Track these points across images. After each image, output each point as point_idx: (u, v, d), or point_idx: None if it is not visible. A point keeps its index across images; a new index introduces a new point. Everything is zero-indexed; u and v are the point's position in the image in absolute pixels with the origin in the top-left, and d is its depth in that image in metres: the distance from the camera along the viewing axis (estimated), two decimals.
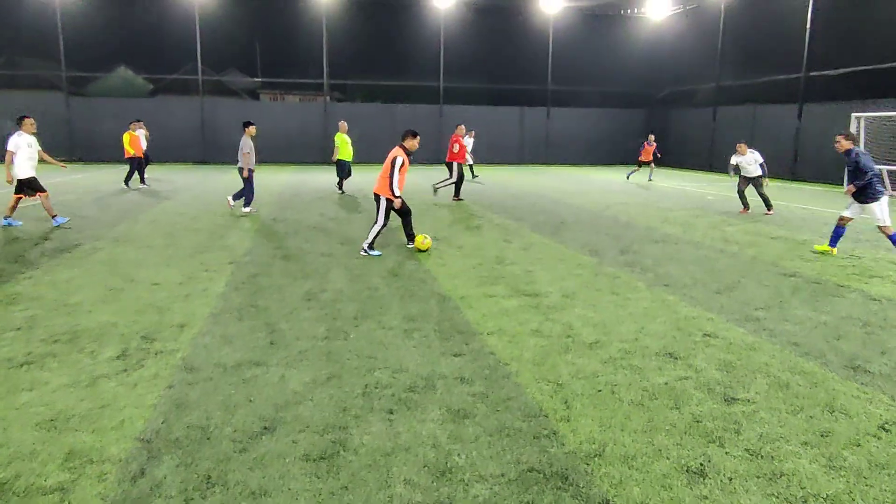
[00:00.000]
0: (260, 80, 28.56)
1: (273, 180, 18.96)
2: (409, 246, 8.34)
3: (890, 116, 17.98)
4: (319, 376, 4.38)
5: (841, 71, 20.86)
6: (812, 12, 21.66)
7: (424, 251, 8.22)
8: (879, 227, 7.83)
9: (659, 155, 20.08)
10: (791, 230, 10.73)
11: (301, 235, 9.46)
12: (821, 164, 20.80)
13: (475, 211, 12.59)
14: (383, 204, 7.87)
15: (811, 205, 14.64)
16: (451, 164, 13.99)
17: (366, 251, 8.02)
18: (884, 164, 17.90)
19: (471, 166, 20.35)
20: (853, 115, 18.60)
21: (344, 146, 14.43)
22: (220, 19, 26.04)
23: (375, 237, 8.04)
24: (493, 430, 3.73)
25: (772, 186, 19.31)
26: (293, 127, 26.76)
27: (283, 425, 3.71)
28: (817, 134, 21.38)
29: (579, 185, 18.98)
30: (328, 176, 20.63)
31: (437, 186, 13.98)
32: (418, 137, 7.98)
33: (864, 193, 7.80)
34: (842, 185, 19.44)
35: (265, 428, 3.68)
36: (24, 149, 9.36)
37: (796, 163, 22.31)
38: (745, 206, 12.78)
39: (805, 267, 7.75)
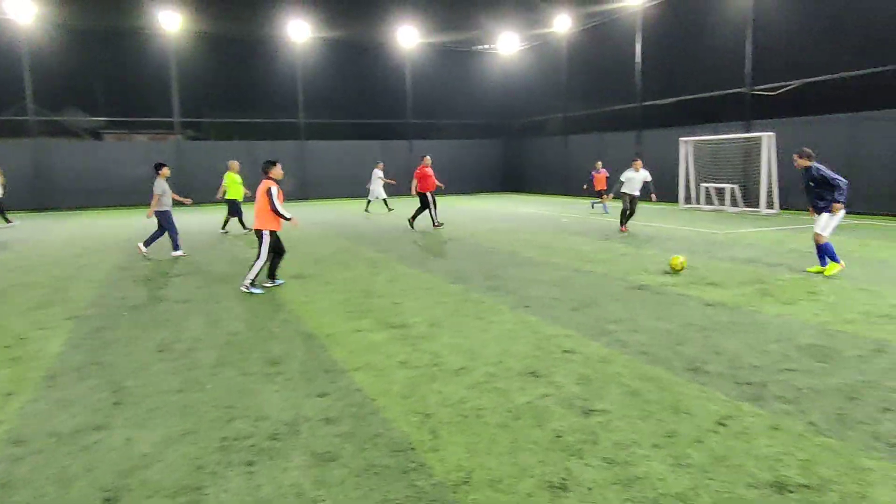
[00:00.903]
0: (103, 119, 26.36)
1: (122, 225, 17.60)
2: (272, 284, 8.35)
3: (709, 140, 20.48)
4: (172, 434, 4.09)
5: (670, 100, 23.37)
6: (641, 50, 24.23)
7: (679, 271, 8.64)
8: (816, 234, 8.05)
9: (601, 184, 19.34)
10: (638, 246, 11.67)
11: (155, 282, 8.86)
12: (657, 184, 23.11)
13: (343, 245, 12.60)
14: (266, 239, 7.99)
15: (653, 221, 16.10)
16: (424, 194, 14.79)
17: (247, 288, 8.05)
18: (706, 181, 20.30)
19: (385, 200, 20.60)
20: (680, 139, 20.96)
21: (234, 185, 14.50)
22: (55, 55, 23.81)
23: (257, 274, 8.09)
24: (361, 470, 3.63)
25: (609, 205, 21.05)
26: (143, 168, 24.93)
27: (128, 493, 3.48)
28: (655, 157, 23.70)
29: (444, 215, 19.40)
30: (187, 217, 19.52)
31: (412, 219, 14.80)
32: (279, 164, 8.11)
33: (826, 202, 7.97)
34: (671, 202, 21.61)
35: (107, 500, 3.40)
36: None
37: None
38: (625, 223, 13.53)
39: (651, 280, 8.43)
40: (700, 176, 20.95)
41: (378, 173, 20.70)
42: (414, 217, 15.22)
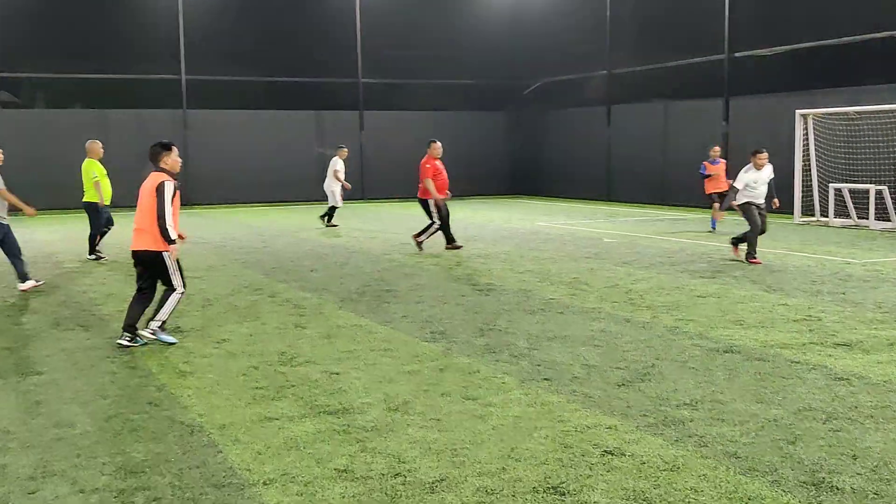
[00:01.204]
0: None
1: None
2: (135, 341, 8.53)
3: (843, 115, 20.78)
4: None
5: (777, 49, 23.77)
6: None
7: None
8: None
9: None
10: (725, 283, 11.83)
11: None
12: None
13: (250, 280, 12.75)
14: (169, 262, 8.42)
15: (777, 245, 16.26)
16: (426, 201, 15.77)
17: (154, 333, 8.52)
18: (837, 181, 20.60)
19: (330, 211, 21.44)
20: (797, 112, 21.29)
21: (95, 182, 14.73)
22: None
23: (173, 310, 8.58)
24: None
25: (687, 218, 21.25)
26: None
27: None
28: (749, 139, 24.01)
29: (413, 231, 19.59)
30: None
31: (420, 239, 15.82)
32: (175, 149, 8.48)
33: None
34: (782, 213, 21.93)
35: None
36: None
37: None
38: (755, 250, 13.59)
39: (744, 336, 8.46)
40: (827, 172, 21.26)
41: (337, 165, 21.28)
42: (435, 234, 16.06)
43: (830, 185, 20.56)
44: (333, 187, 21.07)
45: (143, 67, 28.51)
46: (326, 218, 21.25)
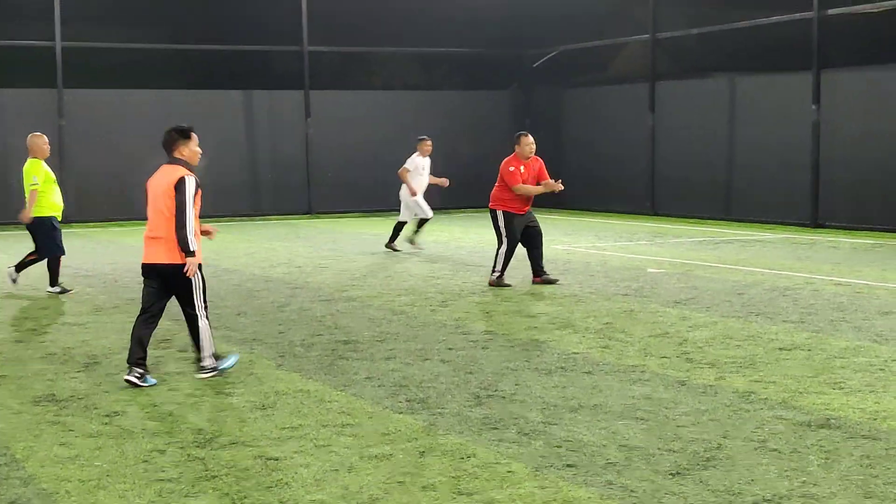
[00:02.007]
0: None
1: None
2: (145, 380, 9.60)
3: None
4: None
5: (884, 5, 24.06)
6: None
7: None
8: None
9: None
10: (817, 329, 11.86)
11: None
12: (852, 189, 23.43)
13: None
14: (197, 277, 9.50)
15: (868, 276, 16.26)
16: (496, 214, 16.42)
17: (212, 369, 9.75)
18: None
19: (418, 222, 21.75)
20: None
21: (48, 187, 15.59)
22: None
23: (211, 337, 9.79)
24: None
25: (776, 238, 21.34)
26: None
27: None
28: (844, 125, 24.16)
29: (383, 260, 19.46)
30: None
31: (497, 279, 16.22)
32: (195, 137, 9.51)
33: None
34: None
35: None
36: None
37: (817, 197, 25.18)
38: None
39: (846, 406, 8.48)
40: None
41: (419, 163, 21.69)
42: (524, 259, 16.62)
43: None
44: (407, 193, 21.27)
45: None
46: (414, 233, 21.38)
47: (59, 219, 15.78)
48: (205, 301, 9.63)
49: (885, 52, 24.64)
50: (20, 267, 16.00)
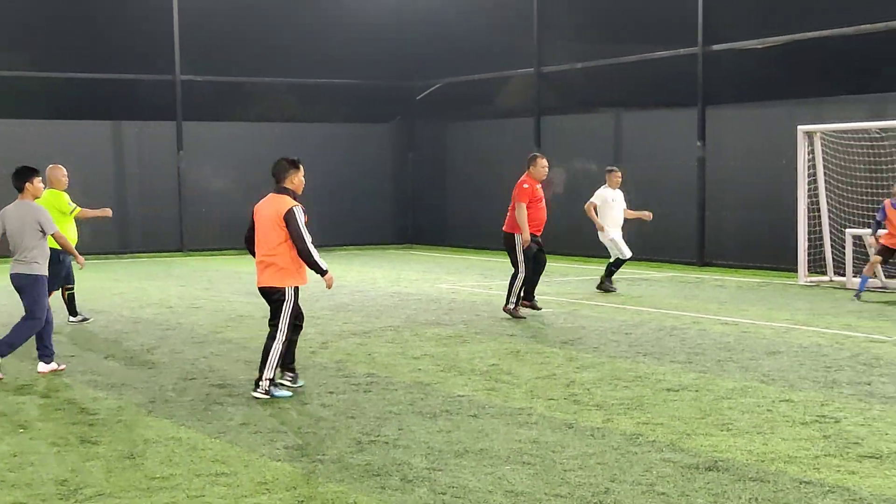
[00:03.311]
0: None
1: None
2: (291, 383, 11.22)
3: (862, 132, 21.70)
4: None
5: (771, 40, 24.86)
6: None
7: None
8: None
9: None
10: (709, 368, 11.98)
11: None
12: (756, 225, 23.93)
13: (9, 371, 12.41)
14: (290, 301, 10.73)
15: (735, 314, 16.63)
16: (513, 238, 16.83)
17: (266, 391, 10.65)
18: (854, 224, 21.40)
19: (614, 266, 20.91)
20: (799, 128, 22.20)
21: (67, 221, 16.11)
22: None
23: (278, 363, 10.75)
24: None
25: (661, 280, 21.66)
26: None
27: None
28: (730, 163, 24.69)
29: (260, 300, 19.34)
30: None
31: (512, 308, 16.64)
32: (302, 168, 10.97)
33: None
34: (777, 270, 22.57)
35: None
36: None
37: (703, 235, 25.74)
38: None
39: (733, 447, 8.60)
40: (842, 213, 22.05)
41: (608, 196, 20.63)
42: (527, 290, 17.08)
43: (847, 230, 21.25)
44: (611, 232, 20.35)
45: None
46: (606, 276, 20.48)
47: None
48: (289, 325, 10.70)
49: (769, 89, 25.34)
50: (71, 309, 16.72)
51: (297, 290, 10.73)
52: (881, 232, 18.89)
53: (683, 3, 25.72)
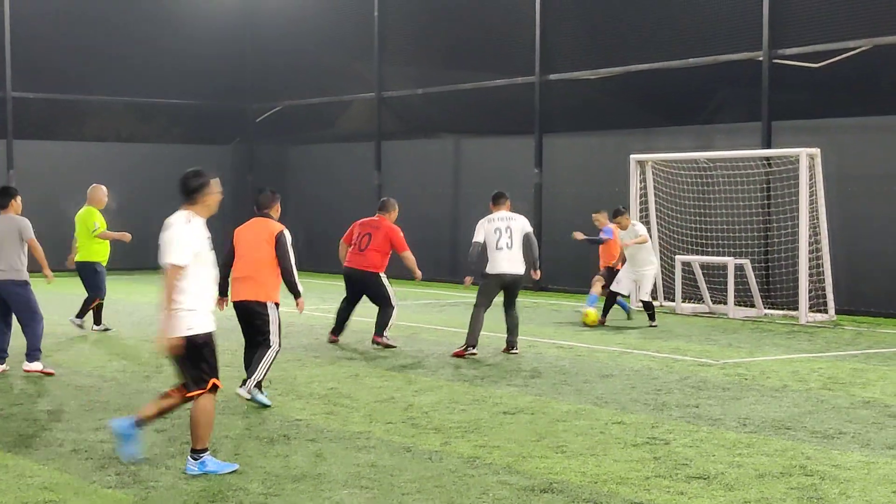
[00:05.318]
0: None
1: None
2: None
3: (689, 162, 22.40)
4: None
5: (600, 72, 25.56)
6: None
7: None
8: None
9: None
10: (544, 391, 12.10)
11: None
12: (567, 251, 24.39)
13: None
14: (273, 315, 11.47)
15: (555, 335, 16.84)
16: (377, 277, 16.72)
17: (249, 392, 11.19)
18: (684, 251, 21.97)
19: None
20: (632, 157, 22.77)
21: (93, 236, 17.89)
22: None
23: (269, 368, 11.48)
24: None
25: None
26: None
27: None
28: (566, 189, 25.07)
29: (92, 323, 18.85)
30: None
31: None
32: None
33: None
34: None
35: None
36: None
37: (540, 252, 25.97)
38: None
39: (567, 469, 8.71)
40: (672, 240, 22.73)
41: (640, 232, 19.08)
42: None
43: (677, 257, 21.81)
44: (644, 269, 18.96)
45: None
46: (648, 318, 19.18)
47: (104, 263, 17.96)
48: (280, 338, 11.55)
49: (603, 118, 25.94)
50: (96, 318, 18.12)
51: (277, 305, 11.43)
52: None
53: (521, 34, 26.19)
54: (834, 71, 20.92)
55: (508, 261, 15.17)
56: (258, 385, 11.25)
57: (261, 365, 11.24)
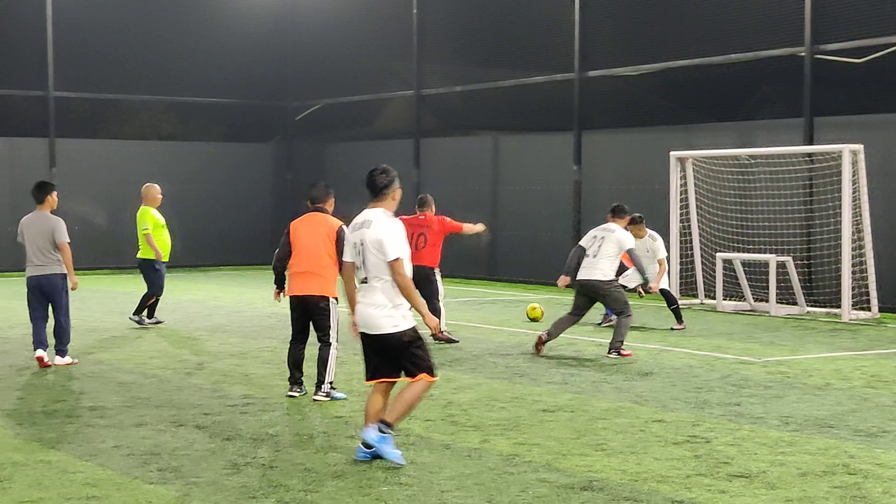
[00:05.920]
0: None
1: None
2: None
3: (728, 158, 22.29)
4: None
5: (642, 69, 25.41)
6: None
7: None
8: None
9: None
10: (584, 389, 12.09)
11: None
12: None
13: None
14: (334, 311, 11.63)
15: (604, 336, 16.82)
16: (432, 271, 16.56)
17: (327, 394, 11.57)
18: (726, 249, 21.87)
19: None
20: (671, 154, 22.61)
21: (157, 232, 18.40)
22: None
23: (335, 367, 11.75)
24: None
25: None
26: None
27: None
28: (603, 180, 25.06)
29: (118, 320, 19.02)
30: None
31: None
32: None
33: None
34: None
35: None
36: None
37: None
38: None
39: (607, 467, 8.69)
40: (713, 237, 22.60)
41: (658, 251, 18.68)
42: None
43: (718, 254, 21.69)
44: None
45: None
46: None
47: (165, 260, 18.35)
48: (338, 335, 11.67)
49: (643, 115, 25.84)
50: (150, 312, 18.36)
51: (336, 300, 11.52)
52: None
53: (560, 31, 26.09)
54: (877, 66, 20.73)
55: (585, 268, 15.16)
56: (332, 385, 11.61)
57: (328, 368, 11.55)
